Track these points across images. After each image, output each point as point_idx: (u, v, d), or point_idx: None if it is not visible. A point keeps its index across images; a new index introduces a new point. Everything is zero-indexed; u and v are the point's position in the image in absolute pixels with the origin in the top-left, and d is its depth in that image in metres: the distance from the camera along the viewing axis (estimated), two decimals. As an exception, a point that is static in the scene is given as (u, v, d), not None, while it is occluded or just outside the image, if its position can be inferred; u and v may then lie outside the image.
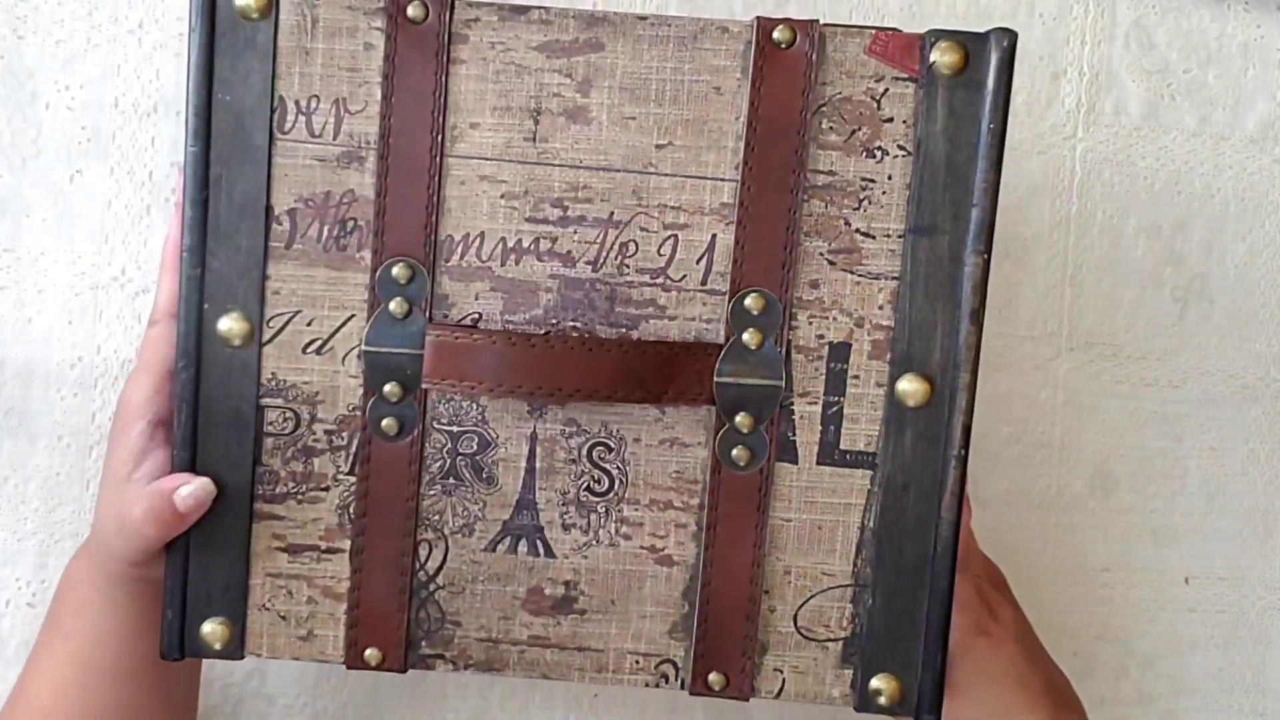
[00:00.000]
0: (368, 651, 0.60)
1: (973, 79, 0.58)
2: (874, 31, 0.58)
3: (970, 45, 0.57)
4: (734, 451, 0.60)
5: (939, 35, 0.58)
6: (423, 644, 0.61)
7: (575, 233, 0.59)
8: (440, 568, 0.61)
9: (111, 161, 0.74)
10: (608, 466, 0.60)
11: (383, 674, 0.78)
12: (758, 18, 0.58)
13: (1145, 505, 0.87)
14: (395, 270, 0.59)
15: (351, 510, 0.60)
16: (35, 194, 0.74)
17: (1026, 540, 0.85)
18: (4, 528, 0.75)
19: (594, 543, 0.61)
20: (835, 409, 0.60)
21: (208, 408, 0.59)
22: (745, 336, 0.59)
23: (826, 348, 0.59)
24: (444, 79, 0.58)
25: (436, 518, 0.60)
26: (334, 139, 0.58)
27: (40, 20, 0.73)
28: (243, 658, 0.61)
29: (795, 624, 0.61)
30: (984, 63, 0.57)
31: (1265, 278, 0.88)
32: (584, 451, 0.60)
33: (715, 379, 0.59)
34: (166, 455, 0.61)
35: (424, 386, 0.58)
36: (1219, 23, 0.87)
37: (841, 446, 0.60)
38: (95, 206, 0.74)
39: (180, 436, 0.59)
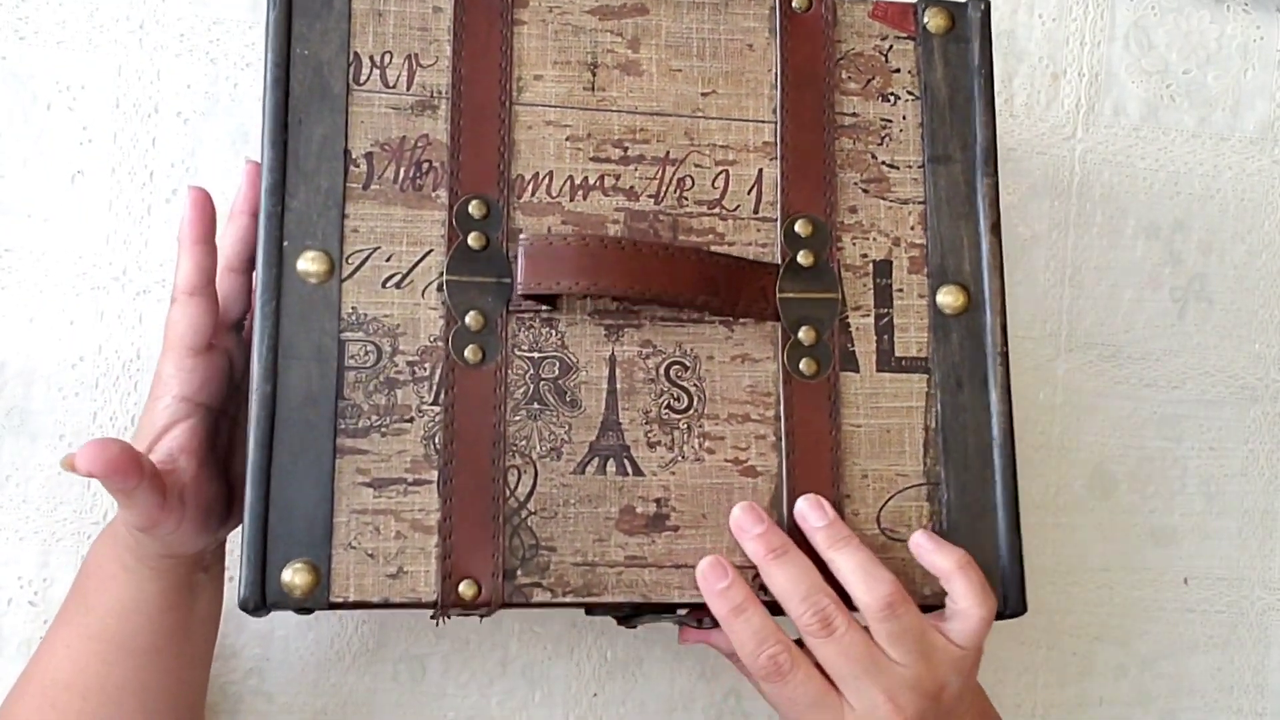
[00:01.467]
0: (462, 585, 0.58)
1: (960, 36, 0.67)
2: (874, 1, 0.68)
3: (955, 11, 0.67)
4: (801, 363, 0.63)
5: (929, 3, 0.68)
6: (518, 573, 0.59)
7: (636, 170, 0.63)
8: (530, 493, 0.60)
9: (112, 162, 0.74)
10: (685, 384, 0.62)
11: (380, 673, 0.75)
12: (777, -12, 0.67)
13: (1144, 505, 0.86)
14: (471, 206, 0.61)
15: (437, 440, 0.59)
16: (36, 194, 0.73)
17: (1026, 540, 0.79)
18: (5, 527, 0.72)
19: (680, 459, 0.61)
20: (886, 320, 0.64)
21: (288, 343, 0.59)
22: (799, 257, 0.63)
23: (871, 265, 0.65)
24: (509, 36, 0.63)
25: (523, 443, 0.60)
26: (407, 89, 0.62)
27: (41, 21, 0.74)
28: (327, 606, 0.57)
29: (879, 525, 0.62)
30: (968, 23, 0.67)
31: (1264, 278, 0.89)
32: (662, 371, 0.62)
33: (778, 295, 0.63)
34: (190, 428, 0.60)
35: (519, 292, 0.60)
36: (1218, 24, 0.88)
37: (897, 354, 0.64)
38: (96, 207, 0.74)
39: (261, 371, 0.58)
